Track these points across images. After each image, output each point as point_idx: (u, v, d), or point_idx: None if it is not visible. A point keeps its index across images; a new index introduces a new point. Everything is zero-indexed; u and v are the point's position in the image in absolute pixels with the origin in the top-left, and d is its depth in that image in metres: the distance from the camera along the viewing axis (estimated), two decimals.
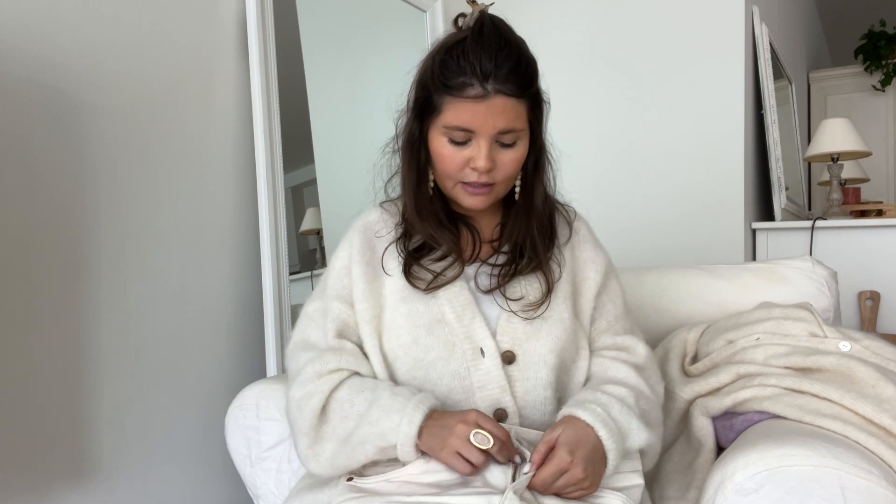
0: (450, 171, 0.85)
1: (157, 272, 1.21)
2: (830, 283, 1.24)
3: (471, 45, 0.80)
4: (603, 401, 0.82)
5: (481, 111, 0.80)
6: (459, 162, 0.83)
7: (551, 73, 2.40)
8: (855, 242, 2.20)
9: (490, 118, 0.80)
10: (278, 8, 1.44)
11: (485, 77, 0.79)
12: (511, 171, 0.86)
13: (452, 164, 0.84)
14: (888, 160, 3.96)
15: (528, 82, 0.83)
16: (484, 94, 0.79)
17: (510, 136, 0.83)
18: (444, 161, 0.84)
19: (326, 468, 0.83)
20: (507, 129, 0.81)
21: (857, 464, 0.71)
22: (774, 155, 2.29)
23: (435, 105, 0.83)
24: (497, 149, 0.83)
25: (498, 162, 0.84)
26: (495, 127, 0.81)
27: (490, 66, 0.78)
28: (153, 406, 1.20)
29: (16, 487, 0.99)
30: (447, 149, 0.84)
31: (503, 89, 0.79)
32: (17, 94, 0.99)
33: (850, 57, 4.17)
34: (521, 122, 0.83)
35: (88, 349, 1.09)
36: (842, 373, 0.91)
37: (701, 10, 2.10)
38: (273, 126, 1.40)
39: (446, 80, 0.81)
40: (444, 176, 0.87)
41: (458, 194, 0.87)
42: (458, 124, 0.81)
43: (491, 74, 0.78)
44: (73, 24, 1.08)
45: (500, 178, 0.85)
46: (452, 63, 0.81)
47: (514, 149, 0.85)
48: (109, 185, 1.13)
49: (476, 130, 0.81)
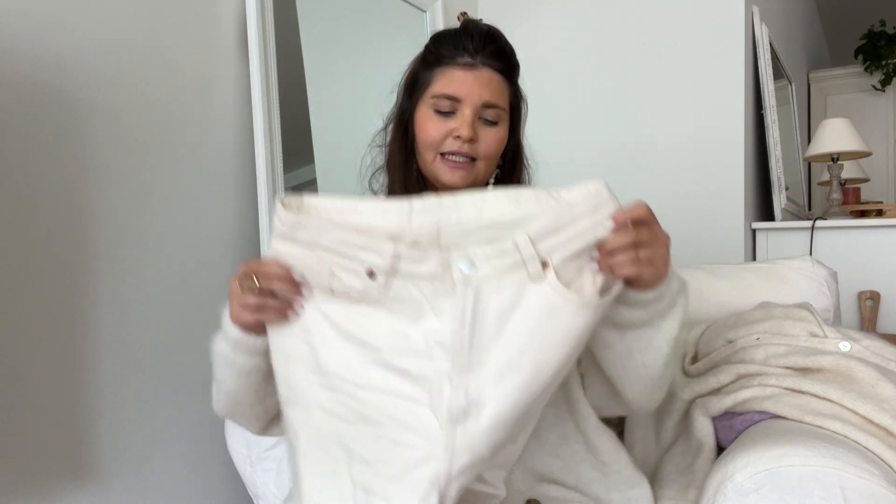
0: (432, 139, 0.87)
1: (156, 272, 1.21)
2: (830, 283, 1.24)
3: (461, 29, 0.89)
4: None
5: (469, 80, 0.85)
6: (443, 131, 0.86)
7: (551, 74, 2.40)
8: (855, 242, 2.20)
9: (477, 87, 0.85)
10: (278, 8, 1.44)
11: (475, 50, 0.86)
12: (492, 149, 0.87)
13: (435, 132, 0.86)
14: (888, 160, 3.96)
15: (512, 68, 0.89)
16: (473, 64, 0.86)
17: (493, 112, 0.86)
18: (428, 130, 0.87)
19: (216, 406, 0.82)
20: (491, 102, 0.86)
21: (858, 464, 0.71)
22: (774, 155, 2.29)
23: (425, 79, 0.89)
24: (480, 125, 0.87)
25: (480, 137, 0.86)
26: (481, 97, 0.85)
27: (479, 43, 0.86)
28: (153, 406, 1.20)
29: (15, 487, 0.99)
30: (432, 119, 0.87)
31: (490, 63, 0.86)
32: (17, 94, 0.99)
33: (850, 57, 4.17)
34: (504, 102, 0.88)
35: (88, 349, 1.09)
36: (842, 373, 0.91)
37: (701, 10, 2.10)
38: (273, 126, 1.40)
39: (439, 51, 0.88)
40: (426, 146, 0.88)
41: (437, 169, 0.88)
42: (446, 92, 0.86)
43: (480, 49, 0.86)
44: (73, 24, 1.08)
45: (482, 154, 0.87)
46: (445, 39, 0.88)
47: (497, 128, 0.88)
48: (109, 185, 1.13)
49: (463, 98, 0.85)
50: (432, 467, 0.63)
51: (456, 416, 0.63)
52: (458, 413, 0.63)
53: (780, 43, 2.79)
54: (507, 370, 0.63)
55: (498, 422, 0.63)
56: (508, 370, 0.63)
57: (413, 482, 0.63)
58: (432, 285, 0.64)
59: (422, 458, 0.63)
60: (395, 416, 0.65)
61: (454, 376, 0.63)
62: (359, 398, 0.65)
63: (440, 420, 0.63)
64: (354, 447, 0.66)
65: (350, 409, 0.66)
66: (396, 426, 0.65)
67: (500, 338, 0.63)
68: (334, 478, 0.66)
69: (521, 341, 0.63)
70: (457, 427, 0.63)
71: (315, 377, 0.66)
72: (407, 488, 0.63)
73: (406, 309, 0.65)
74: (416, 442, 0.64)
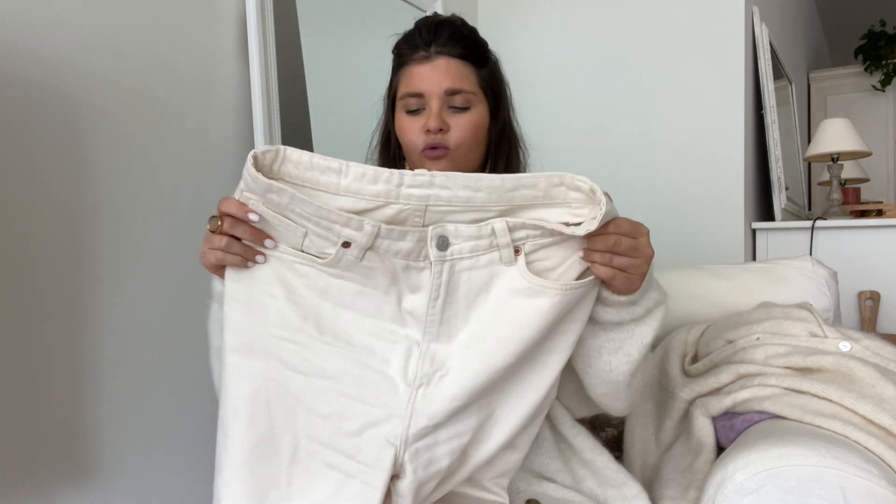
0: (410, 140, 0.87)
1: (157, 272, 1.21)
2: (830, 283, 1.24)
3: (414, 26, 0.89)
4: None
5: (426, 73, 0.85)
6: (416, 129, 0.86)
7: (550, 74, 2.40)
8: (855, 242, 2.20)
9: (435, 78, 0.85)
10: (278, 8, 1.44)
11: (426, 42, 0.85)
12: (466, 135, 0.86)
13: (411, 133, 0.86)
14: (888, 160, 3.96)
15: (471, 45, 0.87)
16: (427, 56, 0.85)
17: (460, 97, 0.86)
18: (405, 133, 0.87)
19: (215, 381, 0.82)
20: (453, 88, 0.85)
21: (858, 464, 0.71)
22: (774, 155, 2.29)
23: (394, 85, 0.90)
24: (450, 113, 0.86)
25: (452, 125, 0.85)
26: (441, 86, 0.85)
27: (430, 35, 0.85)
28: (153, 406, 1.20)
29: (15, 487, 0.99)
30: (405, 121, 0.87)
31: (444, 50, 0.85)
32: (17, 93, 0.99)
33: (850, 57, 4.17)
34: (470, 85, 0.87)
35: (88, 349, 1.09)
36: (842, 373, 0.91)
37: (701, 10, 2.10)
38: (273, 126, 1.40)
39: (399, 53, 0.89)
40: (408, 149, 0.89)
41: (423, 166, 0.88)
42: (409, 90, 0.86)
43: (432, 39, 0.85)
44: (73, 24, 1.08)
45: (455, 142, 0.85)
46: (402, 41, 0.89)
47: (468, 113, 0.86)
48: (109, 185, 1.13)
49: (424, 92, 0.85)
50: (392, 426, 0.66)
51: (420, 380, 0.67)
52: (423, 377, 0.67)
53: (780, 43, 2.79)
54: (472, 342, 0.67)
55: (458, 390, 0.66)
56: (474, 343, 0.67)
57: (371, 438, 0.66)
58: (406, 260, 0.65)
59: (383, 416, 0.66)
60: (360, 376, 0.67)
61: (423, 343, 0.67)
62: (322, 355, 0.67)
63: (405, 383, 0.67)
64: (310, 401, 0.67)
65: (312, 365, 0.67)
66: (359, 385, 0.67)
67: (471, 313, 0.67)
68: (273, 425, 0.66)
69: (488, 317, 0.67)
70: (418, 390, 0.67)
71: (277, 330, 0.66)
72: (364, 443, 0.66)
73: (378, 277, 0.66)
74: (378, 400, 0.67)
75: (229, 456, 0.68)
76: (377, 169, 0.64)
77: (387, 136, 0.95)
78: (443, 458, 0.68)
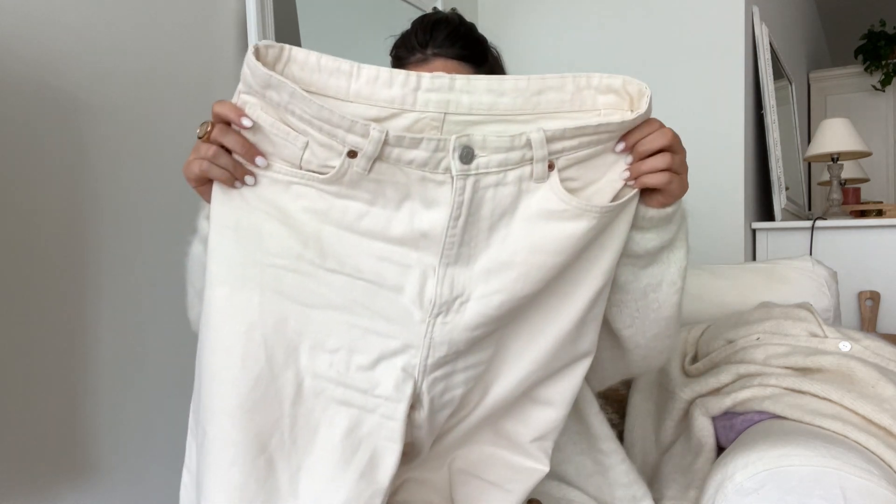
0: None
1: (156, 272, 1.21)
2: (830, 283, 1.24)
3: (413, 25, 0.84)
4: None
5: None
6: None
7: (550, 73, 2.39)
8: (855, 242, 2.20)
9: None
10: (278, 7, 1.44)
11: (422, 44, 0.81)
12: None
13: None
14: (888, 160, 3.96)
15: (469, 45, 0.83)
16: (424, 59, 0.81)
17: None
18: None
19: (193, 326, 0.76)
20: None
21: (858, 464, 0.71)
22: (774, 155, 2.29)
23: None
24: None
25: None
26: None
27: (427, 36, 0.81)
28: (152, 406, 1.20)
29: (15, 487, 0.99)
30: None
31: (440, 52, 0.81)
32: (17, 93, 0.99)
33: (850, 57, 4.17)
34: None
35: (88, 349, 1.09)
36: (842, 373, 0.91)
37: (701, 10, 2.10)
38: None
39: (397, 56, 0.84)
40: None
41: None
42: None
43: (429, 41, 0.81)
44: (73, 24, 1.08)
45: None
46: (398, 43, 0.85)
47: None
48: (109, 185, 1.13)
49: None
50: (409, 356, 0.62)
51: (439, 307, 0.61)
52: (442, 305, 0.61)
53: (780, 43, 2.79)
54: (496, 268, 0.61)
55: (480, 318, 0.61)
56: (498, 268, 0.61)
57: (387, 370, 0.62)
58: (421, 171, 0.58)
59: (398, 347, 0.62)
60: (370, 305, 0.61)
61: (439, 268, 0.61)
62: (327, 283, 0.60)
63: (421, 311, 0.61)
64: (314, 335, 0.61)
65: (315, 295, 0.60)
66: (370, 314, 0.61)
67: (494, 235, 0.61)
68: (272, 365, 0.60)
69: (515, 240, 0.60)
70: (437, 318, 0.61)
71: (273, 259, 0.60)
72: (380, 376, 0.62)
73: (388, 192, 0.59)
74: (392, 331, 0.61)
75: (221, 401, 0.60)
76: (392, 71, 0.58)
77: None
78: (457, 386, 0.65)
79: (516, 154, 0.58)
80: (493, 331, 0.64)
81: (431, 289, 0.61)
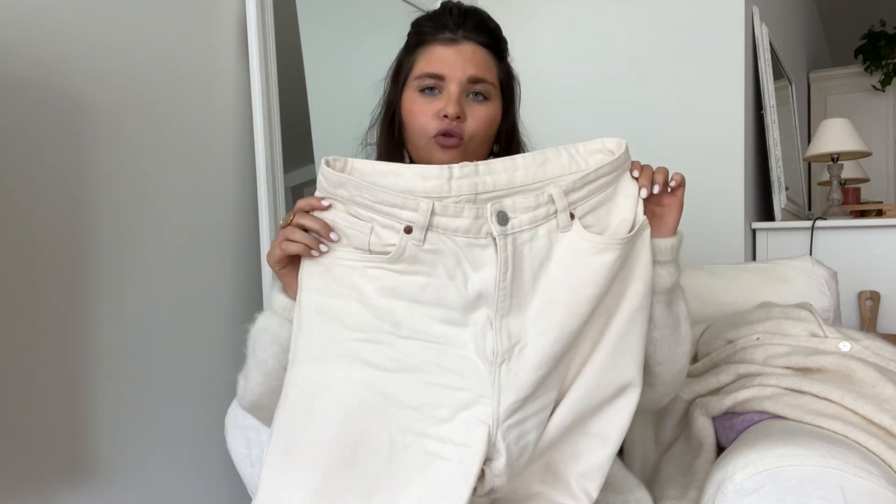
0: (420, 123, 0.83)
1: (156, 272, 1.21)
2: (830, 283, 1.24)
3: (440, 8, 0.87)
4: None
5: (451, 55, 0.83)
6: (430, 113, 0.82)
7: (551, 73, 2.40)
8: (855, 242, 2.20)
9: (460, 62, 0.83)
10: (278, 8, 1.44)
11: (456, 25, 0.83)
12: (482, 126, 0.84)
13: (423, 116, 0.83)
14: (888, 160, 3.96)
15: (496, 39, 0.87)
16: (454, 39, 0.83)
17: (481, 86, 0.84)
18: (416, 115, 0.84)
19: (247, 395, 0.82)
20: (477, 76, 0.83)
21: (858, 464, 0.71)
22: (774, 155, 2.29)
23: (409, 63, 0.87)
24: (469, 102, 0.83)
25: (469, 114, 0.83)
26: (465, 72, 0.82)
27: (460, 18, 0.84)
28: (153, 406, 1.20)
29: (15, 487, 0.99)
30: (418, 102, 0.84)
31: (472, 36, 0.84)
32: (17, 93, 0.99)
33: (850, 57, 4.17)
34: (492, 76, 0.86)
35: (88, 349, 1.09)
36: (842, 373, 0.91)
37: (701, 10, 2.10)
38: (273, 126, 1.40)
39: (420, 31, 0.86)
40: (416, 132, 0.84)
41: (431, 152, 0.84)
42: (429, 70, 0.83)
43: (461, 24, 0.84)
44: (73, 24, 1.08)
45: (470, 132, 0.83)
46: (425, 19, 0.87)
47: (486, 105, 0.84)
48: (109, 185, 1.13)
49: (447, 75, 0.83)
50: (483, 405, 0.68)
51: (501, 356, 0.68)
52: (503, 354, 0.68)
53: (780, 43, 2.79)
54: (545, 309, 0.69)
55: (540, 358, 0.68)
56: (545, 309, 0.69)
57: (464, 420, 0.68)
58: (467, 238, 0.68)
59: (472, 398, 0.68)
60: (441, 364, 0.69)
61: (495, 321, 0.68)
62: (404, 350, 0.69)
63: (485, 363, 0.68)
64: (398, 395, 0.68)
65: (394, 361, 0.69)
66: (444, 372, 0.69)
67: (538, 282, 0.69)
68: (367, 426, 0.68)
69: (555, 282, 0.69)
70: (501, 367, 0.68)
71: (356, 334, 0.69)
72: (458, 426, 0.68)
73: (443, 261, 0.68)
74: (465, 384, 0.68)
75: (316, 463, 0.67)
76: (427, 167, 0.68)
77: (391, 116, 0.90)
78: (530, 431, 0.70)
79: (542, 210, 0.69)
80: (553, 369, 0.70)
81: (492, 340, 0.68)
